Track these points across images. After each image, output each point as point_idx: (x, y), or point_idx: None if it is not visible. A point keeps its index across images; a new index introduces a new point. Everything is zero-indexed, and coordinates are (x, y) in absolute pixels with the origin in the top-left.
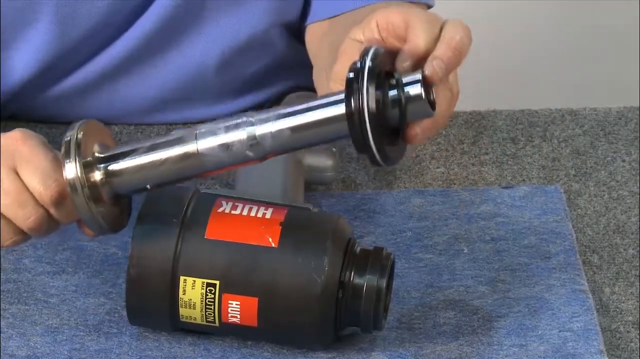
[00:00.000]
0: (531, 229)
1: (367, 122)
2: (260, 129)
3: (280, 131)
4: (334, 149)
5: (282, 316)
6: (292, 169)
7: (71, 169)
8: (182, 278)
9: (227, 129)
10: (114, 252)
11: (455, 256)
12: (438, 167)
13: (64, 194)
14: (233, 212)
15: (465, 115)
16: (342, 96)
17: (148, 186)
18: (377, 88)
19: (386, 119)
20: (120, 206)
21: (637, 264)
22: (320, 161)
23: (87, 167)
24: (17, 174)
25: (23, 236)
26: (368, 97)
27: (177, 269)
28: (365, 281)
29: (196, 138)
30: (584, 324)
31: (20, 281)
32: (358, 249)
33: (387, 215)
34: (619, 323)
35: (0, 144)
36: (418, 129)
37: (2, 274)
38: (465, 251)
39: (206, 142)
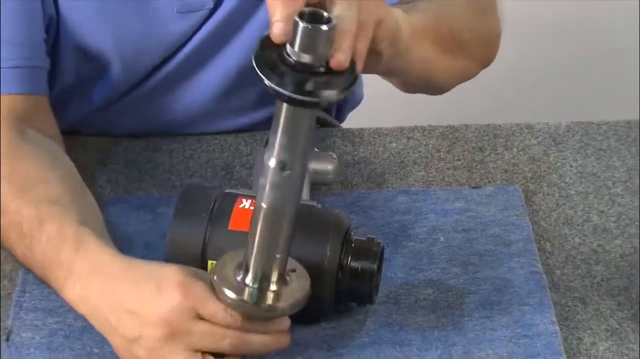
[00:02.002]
0: (495, 221)
1: (283, 94)
2: (274, 153)
3: (286, 141)
4: (335, 156)
5: None
6: None
7: (230, 294)
8: (209, 261)
9: (263, 177)
10: (154, 241)
11: (433, 243)
12: (419, 171)
13: (241, 312)
14: (252, 208)
15: (441, 128)
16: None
17: (277, 256)
18: (272, 63)
19: (303, 70)
20: (283, 284)
21: (582, 250)
22: (323, 166)
23: (233, 287)
24: (201, 317)
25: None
26: (267, 75)
27: (206, 254)
28: (360, 264)
29: (258, 202)
30: (539, 300)
31: None
32: (354, 238)
33: (378, 210)
34: (568, 299)
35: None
36: (337, 48)
37: None
38: (442, 239)
39: (265, 198)
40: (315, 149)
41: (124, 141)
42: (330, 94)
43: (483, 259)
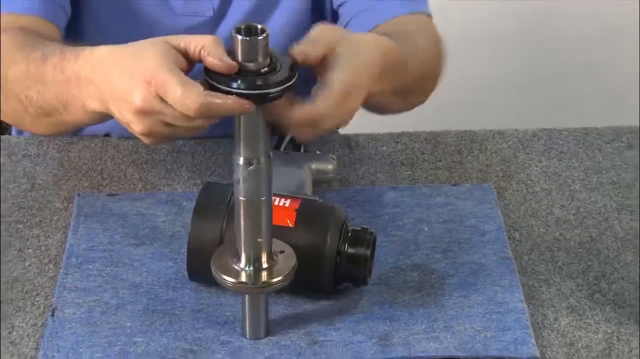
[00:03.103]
0: (472, 214)
1: (241, 94)
2: (240, 152)
3: (248, 140)
4: (334, 158)
5: (297, 276)
6: (303, 172)
7: (230, 279)
8: None
9: (236, 174)
10: (179, 230)
11: (419, 233)
12: (406, 171)
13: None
14: None
15: (425, 134)
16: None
17: (260, 240)
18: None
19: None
20: (273, 263)
21: (546, 238)
22: (323, 166)
23: (232, 273)
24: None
25: None
26: (220, 82)
27: (223, 242)
28: (355, 250)
29: (236, 196)
30: (509, 281)
31: (113, 251)
32: (350, 228)
33: (371, 204)
34: (534, 281)
35: None
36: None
37: (100, 246)
38: (426, 229)
39: (240, 191)
40: (317, 152)
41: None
42: (275, 86)
43: (461, 246)
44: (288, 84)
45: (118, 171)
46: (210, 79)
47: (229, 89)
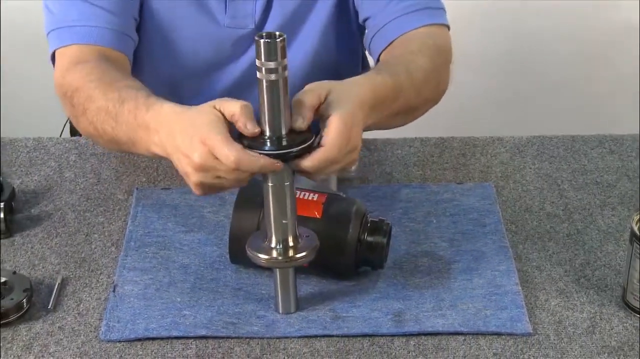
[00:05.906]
0: (474, 208)
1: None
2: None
3: None
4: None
5: (323, 260)
6: None
7: (263, 256)
8: None
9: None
10: (222, 220)
11: (428, 224)
12: (418, 171)
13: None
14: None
15: (434, 139)
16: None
17: (284, 221)
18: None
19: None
20: (298, 243)
21: (538, 230)
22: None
23: (264, 251)
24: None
25: None
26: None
27: (259, 228)
28: (373, 238)
29: (265, 184)
30: (506, 267)
31: (166, 236)
32: (369, 220)
33: (387, 199)
34: (528, 267)
35: None
36: (307, 162)
37: (155, 232)
38: (434, 221)
39: (269, 179)
40: None
41: None
42: (294, 147)
43: (465, 236)
44: (304, 145)
45: (171, 168)
46: (244, 140)
47: (258, 150)
